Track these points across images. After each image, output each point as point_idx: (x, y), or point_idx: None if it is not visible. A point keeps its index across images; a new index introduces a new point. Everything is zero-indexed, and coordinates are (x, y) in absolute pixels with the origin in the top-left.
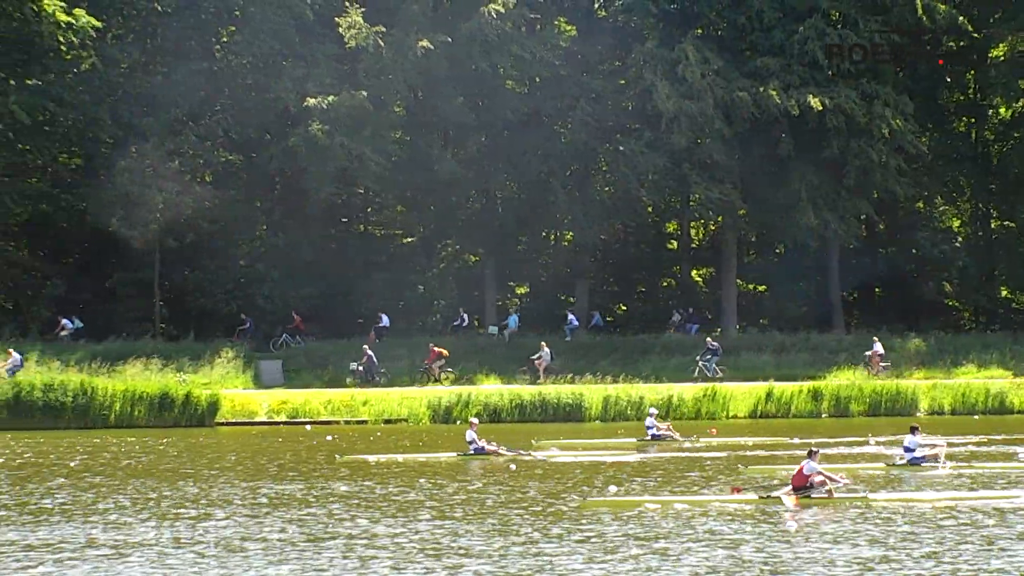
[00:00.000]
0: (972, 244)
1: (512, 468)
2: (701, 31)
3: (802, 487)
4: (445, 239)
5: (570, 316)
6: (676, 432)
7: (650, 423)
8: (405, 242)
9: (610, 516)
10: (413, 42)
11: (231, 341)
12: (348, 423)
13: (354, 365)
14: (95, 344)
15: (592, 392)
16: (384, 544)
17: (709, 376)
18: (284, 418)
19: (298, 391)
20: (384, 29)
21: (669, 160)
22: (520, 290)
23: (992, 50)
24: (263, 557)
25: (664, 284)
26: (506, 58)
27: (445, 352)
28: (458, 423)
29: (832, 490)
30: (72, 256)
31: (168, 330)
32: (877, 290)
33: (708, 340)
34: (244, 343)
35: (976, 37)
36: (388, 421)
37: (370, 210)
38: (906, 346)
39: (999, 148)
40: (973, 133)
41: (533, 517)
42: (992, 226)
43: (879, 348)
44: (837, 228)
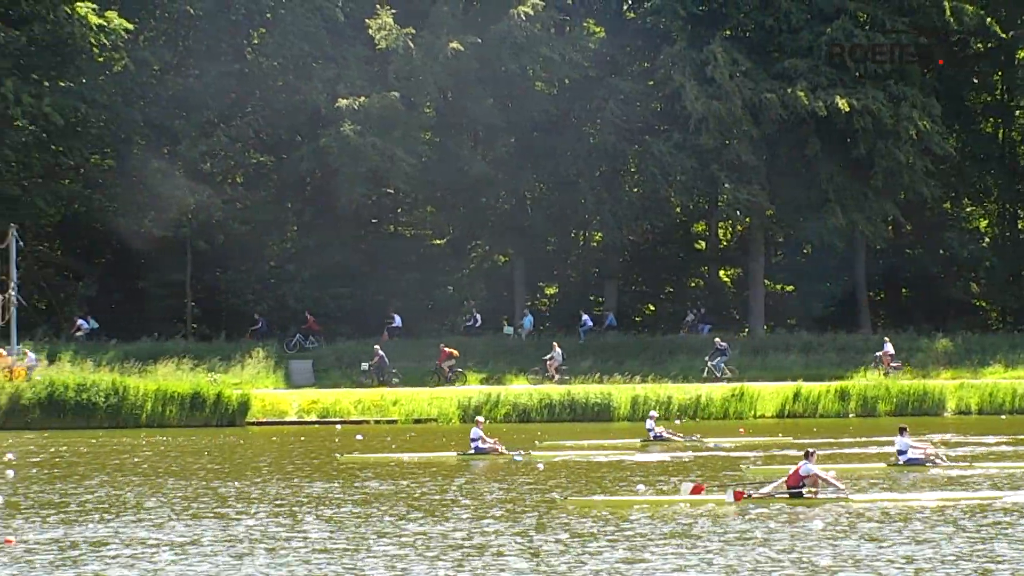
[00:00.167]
0: (999, 244)
1: (540, 468)
2: (729, 33)
3: (796, 487)
4: (475, 240)
5: (584, 317)
6: (677, 433)
7: (650, 425)
8: (435, 243)
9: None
10: (443, 44)
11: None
12: (378, 423)
13: (365, 365)
14: (127, 344)
15: (620, 392)
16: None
17: (717, 376)
18: (314, 418)
19: (328, 391)
20: (414, 31)
21: (697, 161)
22: (549, 290)
23: (1020, 51)
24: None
25: (692, 284)
26: (535, 59)
27: (455, 352)
28: (487, 423)
29: (817, 492)
30: (104, 257)
31: (199, 330)
32: (904, 290)
33: (717, 340)
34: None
35: (1004, 38)
36: (418, 421)
37: (400, 211)
38: (933, 346)
39: None
40: (1000, 134)
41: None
42: (1019, 226)
43: (890, 348)
44: (864, 229)
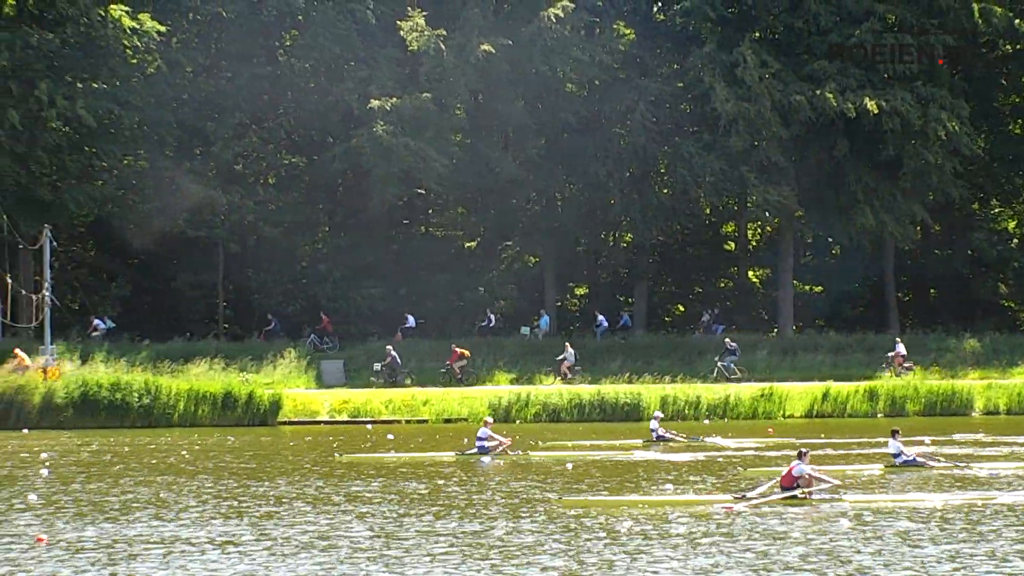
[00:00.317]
0: None
1: (569, 467)
2: (758, 34)
3: (790, 488)
4: (505, 241)
5: (600, 318)
6: (680, 434)
7: (654, 425)
8: (467, 245)
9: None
10: (474, 46)
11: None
12: (409, 422)
13: (377, 365)
14: (159, 344)
15: (650, 392)
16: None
17: (727, 376)
18: (346, 417)
19: (359, 391)
20: (445, 33)
21: (726, 162)
22: (579, 291)
23: None
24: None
25: (721, 285)
26: (565, 61)
27: (467, 353)
28: (517, 422)
29: (811, 492)
30: (137, 257)
31: (231, 330)
32: (932, 291)
33: (727, 341)
34: (308, 345)
35: None
36: (448, 420)
37: (431, 212)
38: (961, 346)
39: None
40: None
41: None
42: None
43: (901, 349)
44: (893, 229)
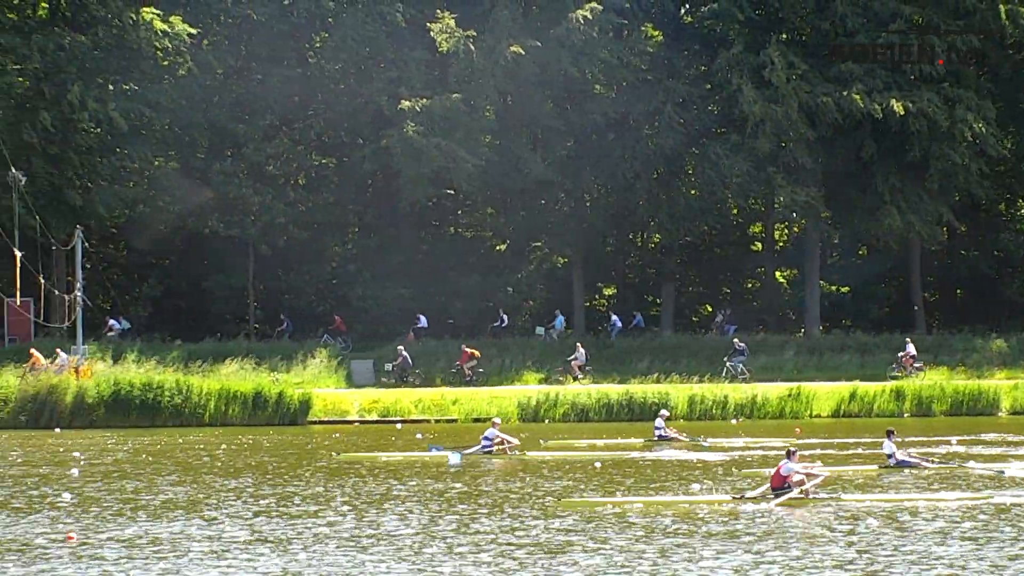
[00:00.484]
0: None
1: (598, 466)
2: (786, 36)
3: (781, 488)
4: (534, 241)
5: (613, 317)
6: (682, 434)
7: (659, 424)
8: (497, 247)
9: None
10: (503, 47)
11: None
12: (438, 422)
13: (389, 365)
14: (191, 344)
15: (678, 391)
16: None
17: (736, 376)
18: (375, 417)
19: (389, 390)
20: (475, 34)
21: (753, 164)
22: (608, 291)
23: None
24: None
25: (748, 285)
26: (594, 63)
27: (477, 353)
28: (546, 422)
29: (807, 490)
30: (168, 257)
31: (262, 330)
32: (959, 291)
33: (735, 341)
34: (337, 344)
35: None
36: (477, 420)
37: (461, 212)
38: (988, 346)
39: None
40: None
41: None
42: None
43: (911, 349)
44: (920, 230)
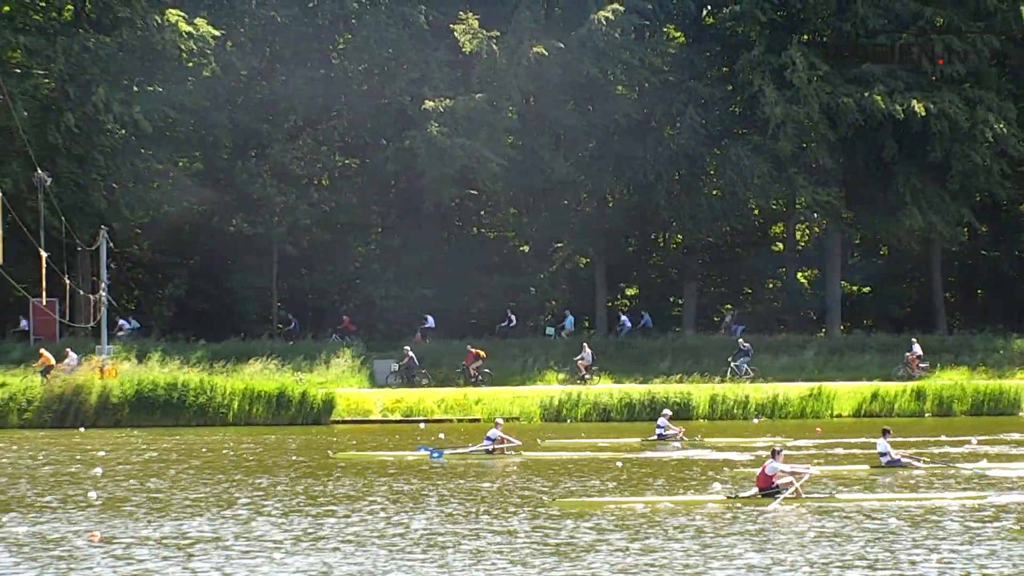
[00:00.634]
0: None
1: (620, 465)
2: (807, 37)
3: (767, 488)
4: (556, 242)
5: (623, 318)
6: (682, 433)
7: (662, 423)
8: (520, 248)
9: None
10: (526, 48)
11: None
12: (461, 421)
13: (394, 365)
14: (214, 344)
15: (700, 391)
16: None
17: (740, 376)
18: (398, 417)
19: (412, 390)
20: (499, 34)
21: (774, 165)
22: (630, 291)
23: None
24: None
25: (770, 285)
26: (616, 64)
27: (482, 353)
28: (568, 421)
29: (800, 489)
30: (193, 257)
31: (285, 330)
32: (979, 292)
33: (740, 341)
34: (352, 343)
35: None
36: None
37: (483, 213)
38: (1009, 346)
39: None
40: None
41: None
42: None
43: (917, 350)
44: (942, 230)
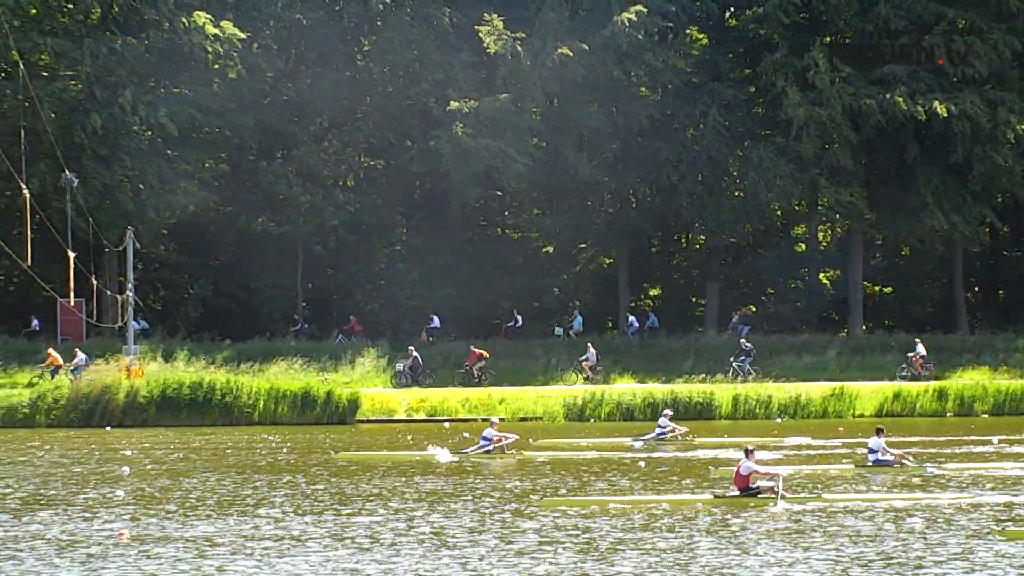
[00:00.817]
0: None
1: (642, 465)
2: (830, 39)
3: (746, 488)
4: (580, 242)
5: (631, 318)
6: (678, 434)
7: (663, 423)
8: (544, 249)
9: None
10: (550, 50)
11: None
12: (484, 420)
13: (400, 365)
14: (240, 344)
15: (722, 391)
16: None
17: (742, 376)
18: (423, 416)
19: (436, 390)
20: (523, 35)
21: (797, 166)
22: (653, 291)
23: None
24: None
25: (792, 286)
26: (639, 66)
27: (486, 354)
28: (591, 421)
29: (774, 488)
30: (218, 258)
31: (310, 330)
32: (1001, 292)
33: (742, 341)
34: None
35: None
36: (524, 419)
37: (508, 214)
38: None
39: None
40: None
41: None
42: None
43: (921, 350)
44: (964, 231)
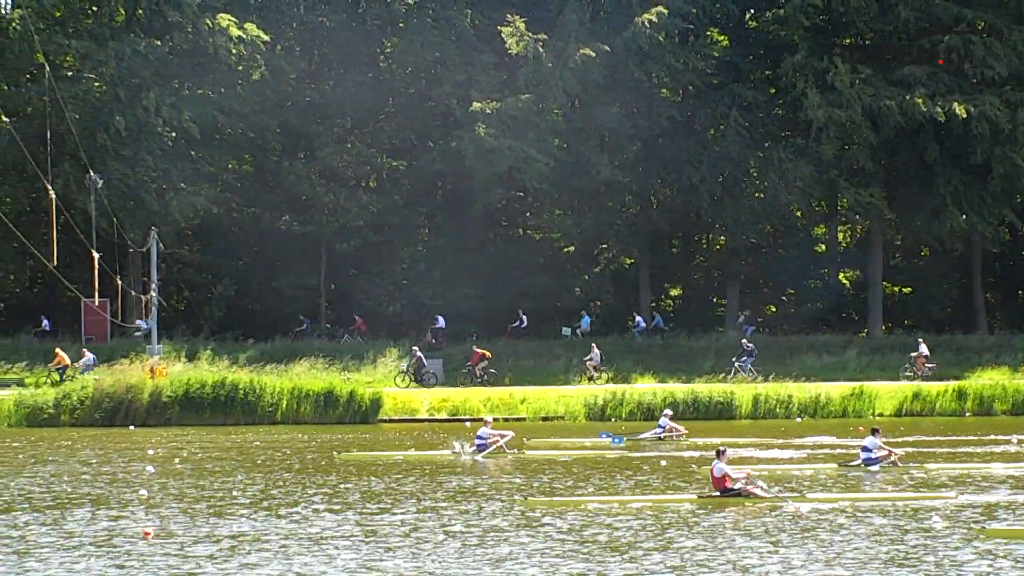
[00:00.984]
0: None
1: (663, 465)
2: (849, 41)
3: (726, 490)
4: (601, 243)
5: (637, 318)
6: (679, 430)
7: (663, 423)
8: (565, 250)
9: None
10: (572, 51)
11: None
12: (507, 420)
13: (403, 365)
14: (263, 343)
15: (743, 391)
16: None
17: (744, 376)
18: (444, 415)
19: (458, 389)
20: (545, 36)
21: (817, 167)
22: (673, 292)
23: None
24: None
25: (812, 286)
26: (660, 67)
27: (488, 354)
28: (612, 420)
29: (748, 490)
30: (242, 258)
31: (333, 330)
32: (1020, 292)
33: (744, 342)
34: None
35: None
36: (545, 419)
37: (529, 214)
38: None
39: None
40: None
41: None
42: None
43: (924, 350)
44: (983, 231)
